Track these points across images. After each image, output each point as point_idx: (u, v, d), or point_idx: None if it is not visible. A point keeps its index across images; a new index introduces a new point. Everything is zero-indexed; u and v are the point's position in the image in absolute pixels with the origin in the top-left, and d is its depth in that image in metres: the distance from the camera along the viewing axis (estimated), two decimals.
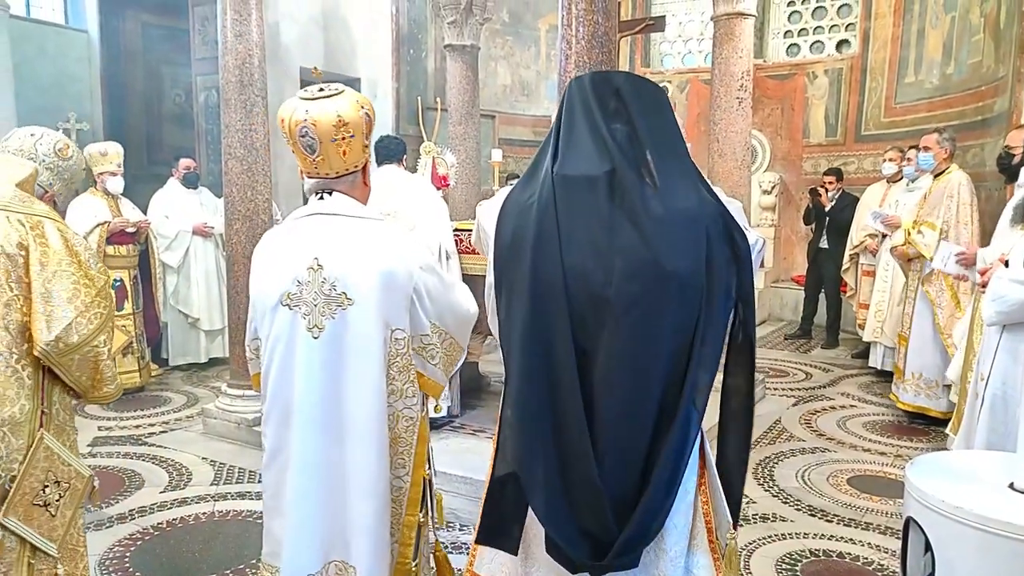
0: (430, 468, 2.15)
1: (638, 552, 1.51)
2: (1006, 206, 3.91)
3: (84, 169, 2.46)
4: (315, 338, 1.91)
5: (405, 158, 4.56)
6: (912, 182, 6.07)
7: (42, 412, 2.01)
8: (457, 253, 4.37)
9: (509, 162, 9.35)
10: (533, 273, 1.52)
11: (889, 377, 6.17)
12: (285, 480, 1.97)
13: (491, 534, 1.71)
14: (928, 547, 1.82)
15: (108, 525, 3.60)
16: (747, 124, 5.57)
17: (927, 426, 5.08)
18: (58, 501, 2.04)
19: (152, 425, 5.15)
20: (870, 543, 3.42)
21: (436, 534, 2.30)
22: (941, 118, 7.41)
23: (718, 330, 1.55)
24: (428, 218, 4.14)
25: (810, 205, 7.82)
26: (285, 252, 1.97)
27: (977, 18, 7.16)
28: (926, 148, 5.14)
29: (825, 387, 6.21)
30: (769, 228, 9.31)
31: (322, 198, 1.98)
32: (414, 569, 2.08)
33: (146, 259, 6.07)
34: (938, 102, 7.80)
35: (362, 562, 1.94)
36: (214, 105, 7.54)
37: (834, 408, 5.60)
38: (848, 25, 9.35)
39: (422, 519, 2.09)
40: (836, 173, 7.48)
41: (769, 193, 9.32)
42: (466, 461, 3.82)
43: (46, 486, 2.01)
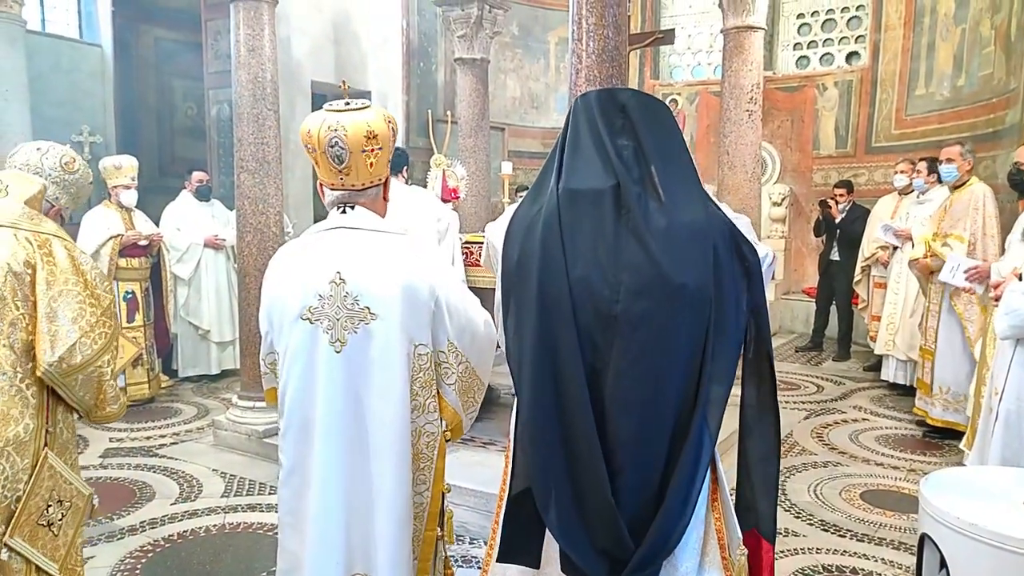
0: (448, 483, 2.14)
1: (657, 565, 1.50)
2: (1018, 219, 3.90)
3: (91, 183, 2.44)
4: (337, 352, 1.89)
5: (407, 169, 4.56)
6: (922, 194, 6.04)
7: (46, 431, 1.99)
8: (464, 266, 4.37)
9: (519, 174, 9.37)
10: (540, 290, 1.52)
11: (901, 390, 6.14)
12: (305, 496, 1.95)
13: (511, 551, 1.70)
14: (943, 564, 1.80)
15: (119, 537, 3.61)
16: (757, 136, 5.57)
17: (941, 440, 5.03)
18: (61, 520, 2.03)
19: (163, 436, 5.17)
20: (884, 558, 3.39)
21: (447, 549, 2.29)
22: (952, 130, 7.39)
23: (729, 344, 1.54)
24: (421, 233, 4.09)
25: (820, 217, 7.81)
26: (306, 266, 1.95)
27: (988, 30, 7.15)
28: (949, 160, 5.03)
29: (837, 400, 6.17)
30: (779, 240, 9.29)
31: (344, 212, 1.97)
32: None
33: (158, 271, 6.12)
34: (949, 114, 7.78)
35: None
36: (226, 118, 7.60)
37: (846, 421, 5.57)
38: (858, 37, 9.35)
39: (440, 534, 2.09)
40: (846, 185, 7.46)
41: (779, 205, 9.31)
42: (476, 474, 3.81)
43: (49, 505, 1.99)
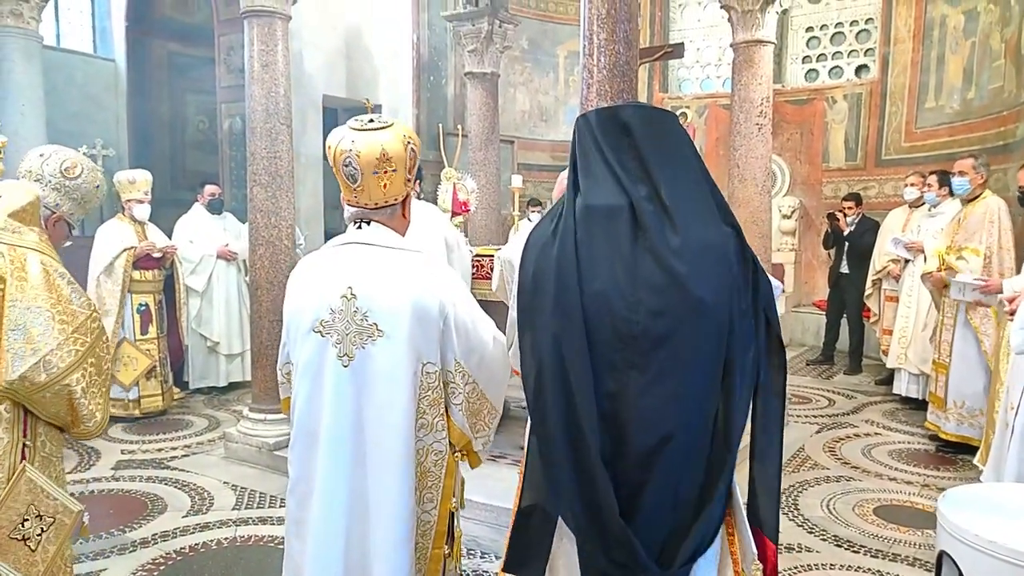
0: (457, 499, 2.13)
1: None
2: None
3: (98, 187, 2.37)
4: (345, 367, 1.91)
5: (419, 183, 4.57)
6: (934, 207, 6.02)
7: (24, 445, 1.97)
8: (474, 279, 4.38)
9: (528, 187, 9.40)
10: (555, 308, 1.52)
11: (914, 404, 6.10)
12: (308, 506, 1.97)
13: (517, 563, 1.70)
14: None
15: (132, 550, 3.61)
16: (767, 150, 5.57)
17: (954, 455, 4.99)
18: (40, 536, 1.97)
19: (174, 449, 5.18)
20: (898, 575, 3.36)
21: (459, 568, 2.28)
22: (963, 143, 7.38)
23: (747, 354, 1.54)
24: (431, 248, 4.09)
25: (829, 230, 7.80)
26: (321, 279, 1.97)
27: (998, 43, 7.15)
28: (961, 173, 5.01)
29: (849, 414, 6.14)
30: (789, 252, 9.28)
31: (360, 227, 1.98)
32: None
33: (171, 284, 6.16)
34: (959, 127, 7.78)
35: None
36: (238, 132, 7.67)
37: (858, 436, 5.53)
38: (867, 50, 9.36)
39: (447, 552, 2.08)
40: (855, 198, 7.45)
41: (789, 218, 9.30)
42: (487, 487, 3.79)
43: (26, 520, 1.95)
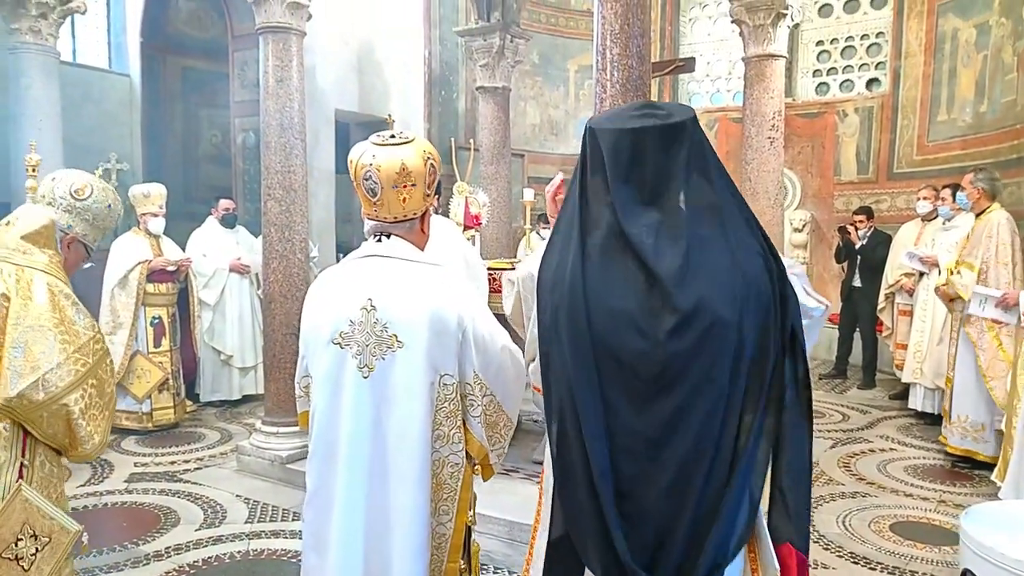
0: (472, 514, 2.13)
1: None
2: None
3: (111, 207, 2.36)
4: (365, 377, 1.92)
5: (437, 197, 4.59)
6: (948, 221, 6.00)
7: (22, 464, 1.97)
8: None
9: (539, 200, 9.41)
10: (570, 336, 1.47)
11: (929, 419, 6.05)
12: (328, 519, 1.97)
13: None
14: None
15: (145, 563, 3.62)
16: (779, 163, 5.58)
17: (971, 470, 4.95)
18: (34, 555, 1.96)
19: (187, 461, 5.19)
20: None
21: None
22: (975, 156, 7.35)
23: (766, 373, 1.51)
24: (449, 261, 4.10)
25: (840, 244, 7.77)
26: (340, 292, 1.99)
27: (1010, 57, 7.14)
28: (962, 188, 5.14)
29: (863, 429, 6.09)
30: (801, 266, 9.24)
31: (379, 240, 2.00)
32: None
33: (185, 297, 6.20)
34: (972, 140, 7.75)
35: None
36: (252, 146, 7.73)
37: (873, 451, 5.49)
38: (878, 64, 9.35)
39: (463, 566, 2.07)
40: (866, 211, 7.43)
41: (800, 231, 9.28)
42: (500, 502, 3.78)
43: (20, 539, 1.94)
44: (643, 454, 1.44)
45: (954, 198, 5.88)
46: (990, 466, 4.70)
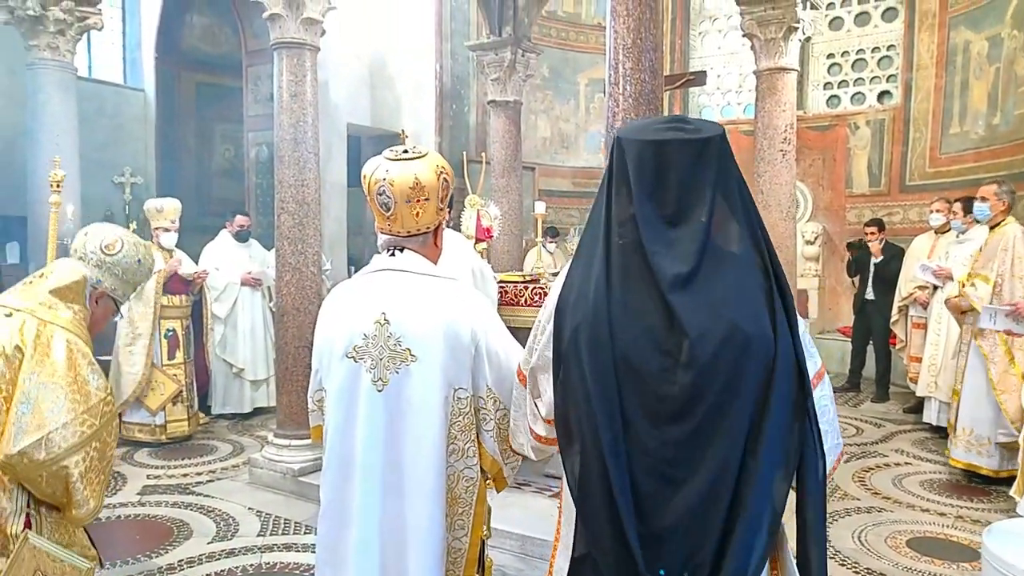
0: (487, 528, 2.12)
1: None
2: None
3: (140, 261, 2.34)
4: (379, 391, 1.92)
5: (449, 211, 4.61)
6: (962, 233, 5.96)
7: (28, 514, 1.97)
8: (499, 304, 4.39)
9: (549, 213, 9.42)
10: (589, 357, 1.45)
11: (945, 433, 5.97)
12: (342, 534, 1.96)
13: None
14: None
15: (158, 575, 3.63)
16: (791, 176, 5.57)
17: (987, 486, 4.89)
18: None
19: (199, 474, 5.20)
20: None
21: None
22: (988, 168, 7.32)
23: (784, 398, 1.49)
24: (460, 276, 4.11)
25: (851, 259, 7.72)
26: (354, 306, 2.00)
27: (1023, 70, 7.12)
28: (983, 199, 5.00)
29: (878, 443, 6.03)
30: (813, 278, 9.20)
31: (393, 254, 2.01)
32: None
33: (199, 309, 6.23)
34: (985, 152, 7.72)
35: None
36: (265, 160, 7.79)
37: (888, 465, 5.44)
38: (889, 76, 9.34)
39: None
40: (877, 223, 7.37)
41: (812, 243, 9.25)
42: (511, 516, 3.77)
43: None
44: (662, 474, 1.42)
45: (966, 211, 5.83)
46: (1006, 481, 4.65)
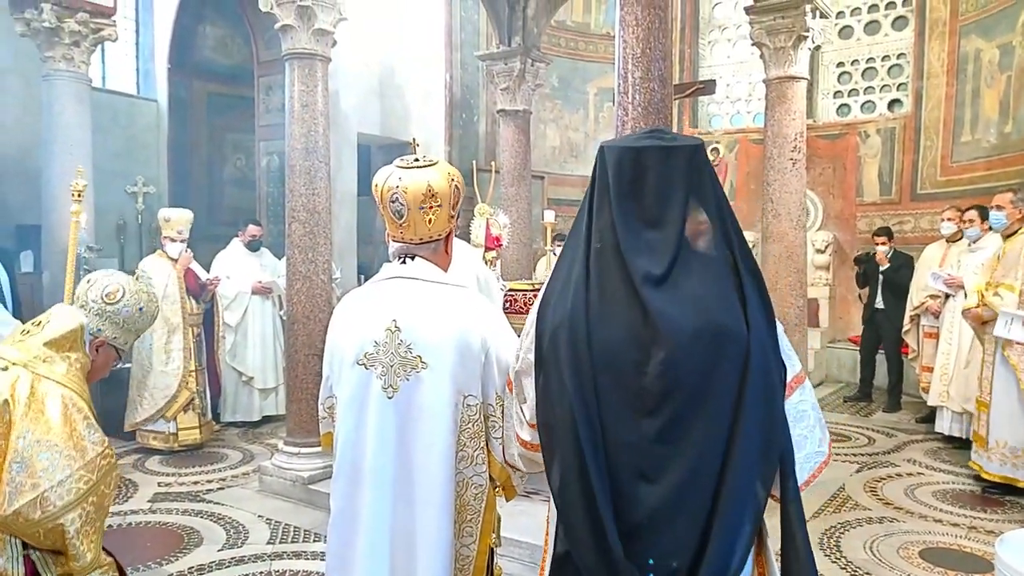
0: (496, 536, 2.12)
1: None
2: None
3: (142, 309, 2.31)
4: (389, 398, 1.93)
5: (456, 219, 4.63)
6: (974, 242, 5.93)
7: (26, 556, 1.96)
8: (507, 313, 4.39)
9: (559, 222, 9.44)
10: (570, 358, 1.48)
11: (958, 443, 5.94)
12: (352, 541, 1.96)
13: None
14: None
15: None
16: (801, 185, 5.56)
17: (1001, 496, 4.84)
18: None
19: (210, 482, 5.22)
20: None
21: None
22: (1000, 176, 7.29)
23: (771, 393, 1.50)
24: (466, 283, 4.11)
25: (860, 271, 7.68)
26: (365, 313, 2.01)
27: None
28: (999, 207, 4.95)
29: (889, 453, 5.99)
30: (824, 287, 9.17)
31: (404, 262, 2.02)
32: None
33: (211, 318, 6.27)
34: (996, 161, 7.68)
35: None
36: (276, 169, 7.84)
37: (900, 475, 5.39)
38: (899, 85, 9.33)
39: None
40: (886, 232, 7.34)
41: (823, 252, 9.22)
42: (520, 524, 3.76)
43: None
44: (640, 468, 1.44)
45: (982, 219, 5.80)
46: (1020, 491, 4.60)
